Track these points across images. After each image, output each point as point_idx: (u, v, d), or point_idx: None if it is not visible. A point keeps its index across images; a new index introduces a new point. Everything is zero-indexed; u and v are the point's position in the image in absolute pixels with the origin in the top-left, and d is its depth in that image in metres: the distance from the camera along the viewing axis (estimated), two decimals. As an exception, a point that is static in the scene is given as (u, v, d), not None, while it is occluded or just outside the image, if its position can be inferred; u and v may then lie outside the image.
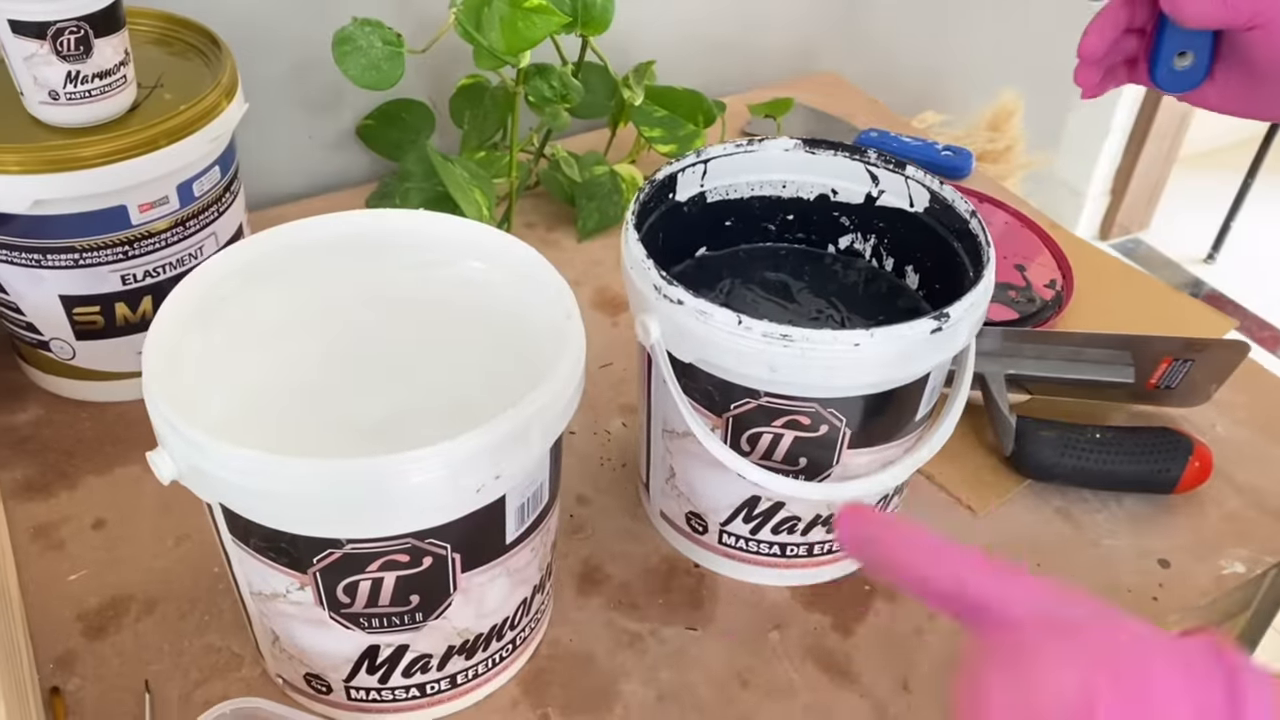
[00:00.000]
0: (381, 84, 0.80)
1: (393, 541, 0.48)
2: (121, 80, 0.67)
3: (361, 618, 0.51)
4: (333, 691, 0.56)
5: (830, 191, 0.66)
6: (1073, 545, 0.69)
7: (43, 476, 0.70)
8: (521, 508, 0.51)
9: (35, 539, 0.66)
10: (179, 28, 0.76)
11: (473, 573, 0.52)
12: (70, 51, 0.64)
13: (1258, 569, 0.68)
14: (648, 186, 0.62)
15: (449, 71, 0.96)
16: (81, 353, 0.72)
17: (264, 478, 0.45)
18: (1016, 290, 0.85)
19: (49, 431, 0.73)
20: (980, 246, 0.59)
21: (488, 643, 0.56)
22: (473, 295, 0.60)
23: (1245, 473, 0.74)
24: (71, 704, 0.58)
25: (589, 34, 0.87)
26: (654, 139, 0.93)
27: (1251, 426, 0.77)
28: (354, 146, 0.98)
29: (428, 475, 0.45)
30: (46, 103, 0.66)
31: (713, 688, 0.60)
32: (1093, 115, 1.99)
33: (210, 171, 0.70)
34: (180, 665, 0.60)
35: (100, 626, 0.62)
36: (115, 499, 0.69)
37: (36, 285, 0.69)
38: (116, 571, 0.64)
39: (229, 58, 0.72)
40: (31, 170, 0.63)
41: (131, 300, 0.71)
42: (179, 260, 0.71)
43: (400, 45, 0.81)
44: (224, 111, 0.69)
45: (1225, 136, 2.56)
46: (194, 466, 0.47)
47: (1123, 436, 0.71)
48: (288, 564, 0.49)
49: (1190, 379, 0.74)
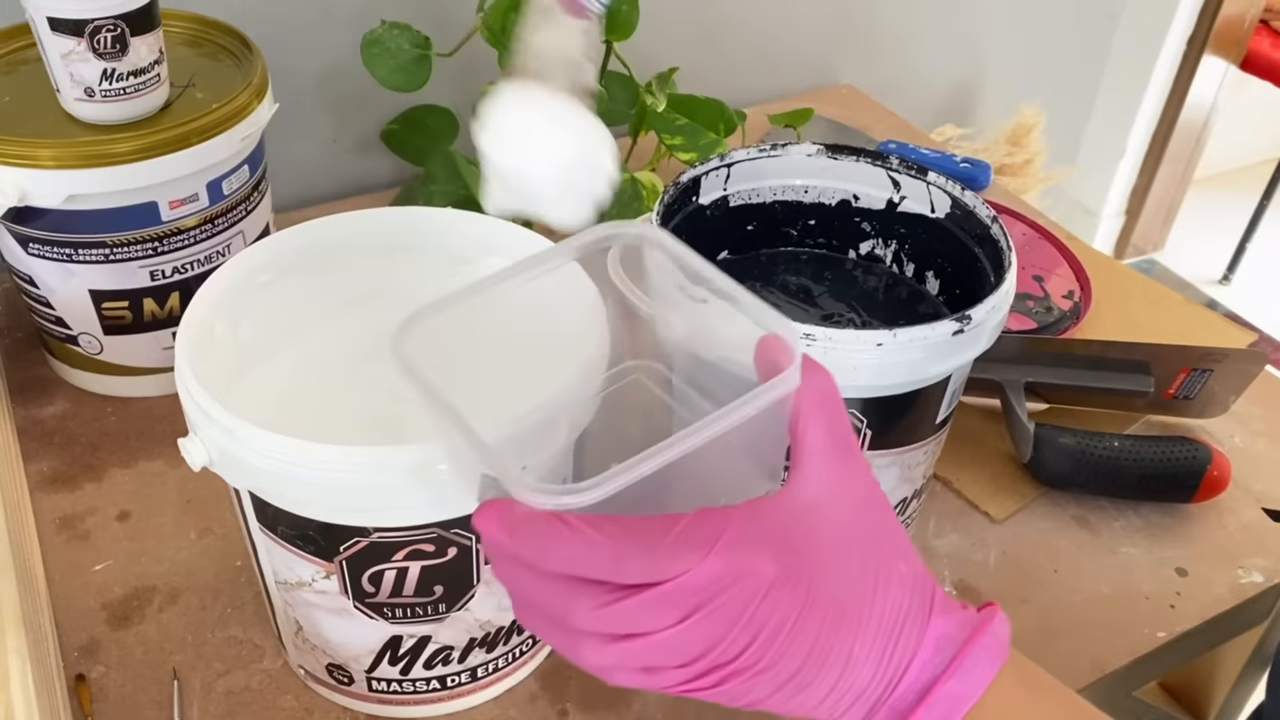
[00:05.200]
0: (409, 86, 0.81)
1: (419, 531, 0.49)
2: (155, 79, 0.68)
3: (385, 608, 0.52)
4: (354, 683, 0.56)
5: (852, 197, 0.67)
6: (1090, 552, 0.69)
7: (69, 469, 0.71)
8: (545, 501, 0.52)
9: (61, 530, 0.67)
10: (211, 30, 0.77)
11: (496, 565, 0.52)
12: (107, 49, 0.65)
13: (1276, 578, 0.68)
14: (672, 189, 0.62)
15: (473, 78, 0.96)
16: (109, 348, 0.73)
17: (294, 464, 0.46)
18: (1035, 300, 0.86)
19: (75, 425, 0.74)
20: (1001, 252, 0.60)
21: (509, 636, 0.56)
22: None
23: (1263, 483, 0.74)
24: (96, 691, 0.58)
25: (614, 39, 0.88)
26: (675, 147, 0.94)
27: (1270, 438, 0.78)
28: (378, 151, 0.99)
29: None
30: (82, 99, 0.67)
31: (730, 686, 0.60)
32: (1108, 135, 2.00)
33: (240, 170, 0.71)
34: (203, 655, 0.60)
35: (124, 616, 0.62)
36: (140, 492, 0.70)
37: (67, 280, 0.70)
38: (140, 563, 0.65)
39: (259, 59, 0.73)
40: (66, 165, 0.64)
41: (159, 296, 0.72)
42: (207, 257, 0.72)
43: (428, 48, 0.82)
44: (254, 111, 0.70)
45: (1241, 158, 2.56)
46: (225, 452, 0.47)
47: (1141, 445, 0.71)
48: (314, 552, 0.50)
49: (1209, 389, 0.74)
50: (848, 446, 0.39)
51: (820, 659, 0.37)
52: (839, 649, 0.37)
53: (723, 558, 0.35)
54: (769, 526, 0.36)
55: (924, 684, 0.38)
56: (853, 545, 0.38)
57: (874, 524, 0.39)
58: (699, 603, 0.35)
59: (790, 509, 0.37)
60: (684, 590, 0.35)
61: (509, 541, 0.36)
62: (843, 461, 0.39)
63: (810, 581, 0.36)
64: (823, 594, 0.36)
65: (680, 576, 0.34)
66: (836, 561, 0.37)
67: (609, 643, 0.36)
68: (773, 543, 0.36)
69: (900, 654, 0.38)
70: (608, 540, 0.35)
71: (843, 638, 0.37)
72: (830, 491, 0.38)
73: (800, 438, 0.39)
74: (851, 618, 0.37)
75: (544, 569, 0.36)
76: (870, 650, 0.38)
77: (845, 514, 0.38)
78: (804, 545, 0.37)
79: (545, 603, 0.36)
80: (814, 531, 0.37)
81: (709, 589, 0.35)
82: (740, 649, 0.35)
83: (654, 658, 0.36)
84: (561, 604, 0.36)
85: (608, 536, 0.35)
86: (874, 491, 0.40)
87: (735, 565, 0.35)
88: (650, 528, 0.35)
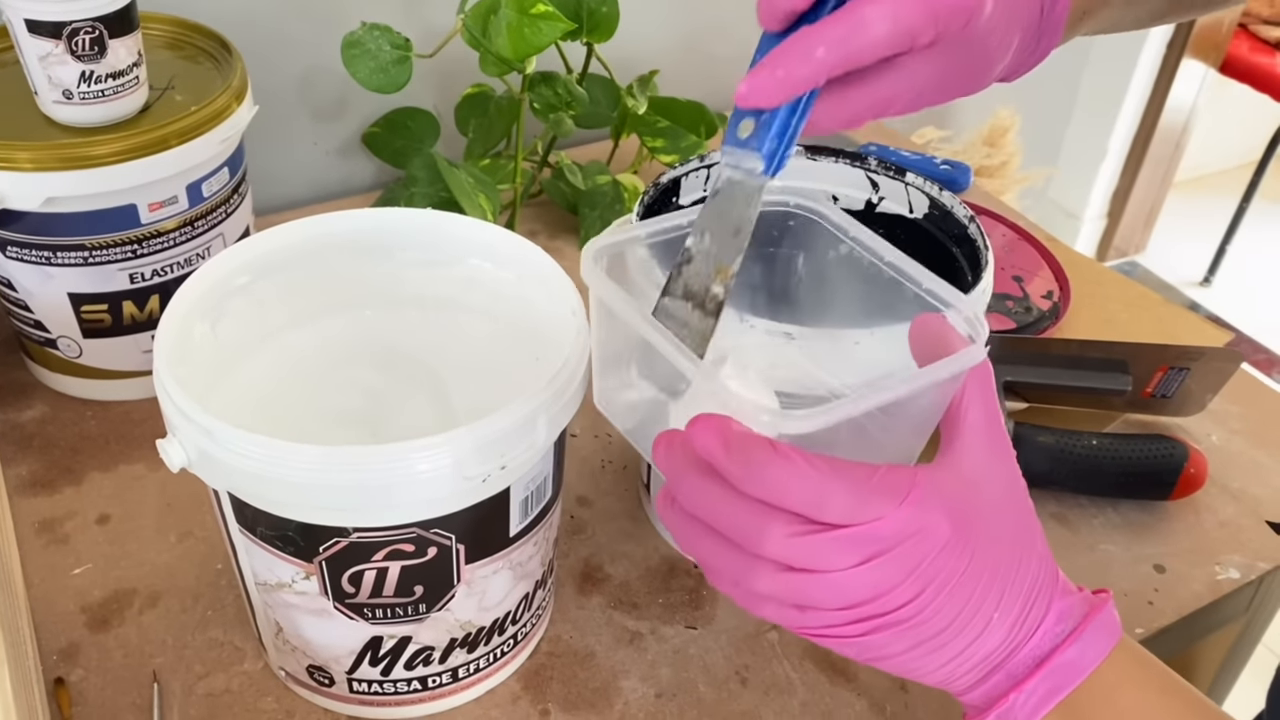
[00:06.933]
0: (389, 87, 0.81)
1: (398, 531, 0.49)
2: (134, 81, 0.68)
3: (365, 608, 0.52)
4: (335, 684, 0.56)
5: (831, 198, 0.67)
6: (1069, 550, 0.69)
7: (48, 472, 0.70)
8: (525, 500, 0.52)
9: (40, 533, 0.66)
10: (190, 32, 0.77)
11: (476, 565, 0.52)
12: (85, 51, 0.65)
13: (1252, 575, 0.68)
14: (652, 189, 0.63)
15: (454, 81, 0.97)
16: (88, 351, 0.73)
17: (273, 464, 0.46)
18: (1014, 300, 0.86)
19: (54, 429, 0.74)
20: (979, 251, 0.60)
21: (489, 637, 0.56)
22: (479, 293, 0.61)
23: (1240, 481, 0.74)
24: (75, 695, 0.58)
25: (594, 41, 0.88)
26: (656, 149, 0.94)
27: (1246, 436, 0.78)
28: (359, 154, 0.99)
29: (434, 464, 0.46)
30: (60, 102, 0.67)
31: (712, 685, 0.61)
32: (1089, 138, 2.01)
33: (219, 173, 0.71)
34: (183, 658, 0.60)
35: (104, 619, 0.62)
36: (119, 495, 0.69)
37: (45, 283, 0.69)
38: (120, 566, 0.65)
39: (239, 61, 0.73)
40: (44, 168, 0.64)
41: (139, 299, 0.71)
42: (187, 260, 0.72)
43: (408, 50, 0.82)
44: (234, 113, 0.70)
45: (1221, 161, 2.58)
46: (204, 453, 0.47)
47: (1119, 443, 0.71)
48: (294, 553, 0.50)
49: (1185, 388, 0.74)
50: (1001, 429, 0.42)
51: (965, 621, 0.39)
52: (983, 613, 0.40)
53: (911, 511, 0.37)
54: (944, 489, 0.39)
55: (1042, 653, 0.41)
56: (1005, 519, 0.41)
57: (1019, 503, 0.42)
58: (882, 549, 0.37)
59: (956, 478, 0.40)
60: (872, 535, 0.37)
61: (724, 456, 0.37)
62: (998, 442, 0.42)
63: (975, 547, 0.39)
64: (982, 560, 0.39)
65: (873, 522, 0.37)
66: (994, 532, 0.40)
67: (783, 572, 0.38)
68: (948, 505, 0.39)
69: (1029, 624, 0.41)
70: (818, 475, 0.37)
71: (988, 603, 0.40)
72: (988, 467, 0.41)
73: (964, 414, 0.41)
74: (999, 585, 0.40)
75: (746, 490, 0.37)
76: (1006, 618, 0.40)
77: (999, 490, 0.41)
78: (971, 512, 0.39)
79: (732, 524, 0.38)
80: (976, 502, 0.40)
81: (894, 538, 0.37)
82: (905, 600, 0.38)
83: (821, 595, 0.38)
84: (752, 526, 0.38)
85: (818, 471, 0.37)
86: (1017, 474, 0.43)
87: (919, 520, 0.38)
88: (853, 471, 0.37)
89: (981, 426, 0.41)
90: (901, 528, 0.37)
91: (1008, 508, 0.42)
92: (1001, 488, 0.42)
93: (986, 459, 0.41)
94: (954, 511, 0.39)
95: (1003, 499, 0.42)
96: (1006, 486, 0.42)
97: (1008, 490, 0.42)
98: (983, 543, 0.39)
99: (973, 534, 0.39)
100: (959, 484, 0.40)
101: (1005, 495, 0.42)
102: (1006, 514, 0.41)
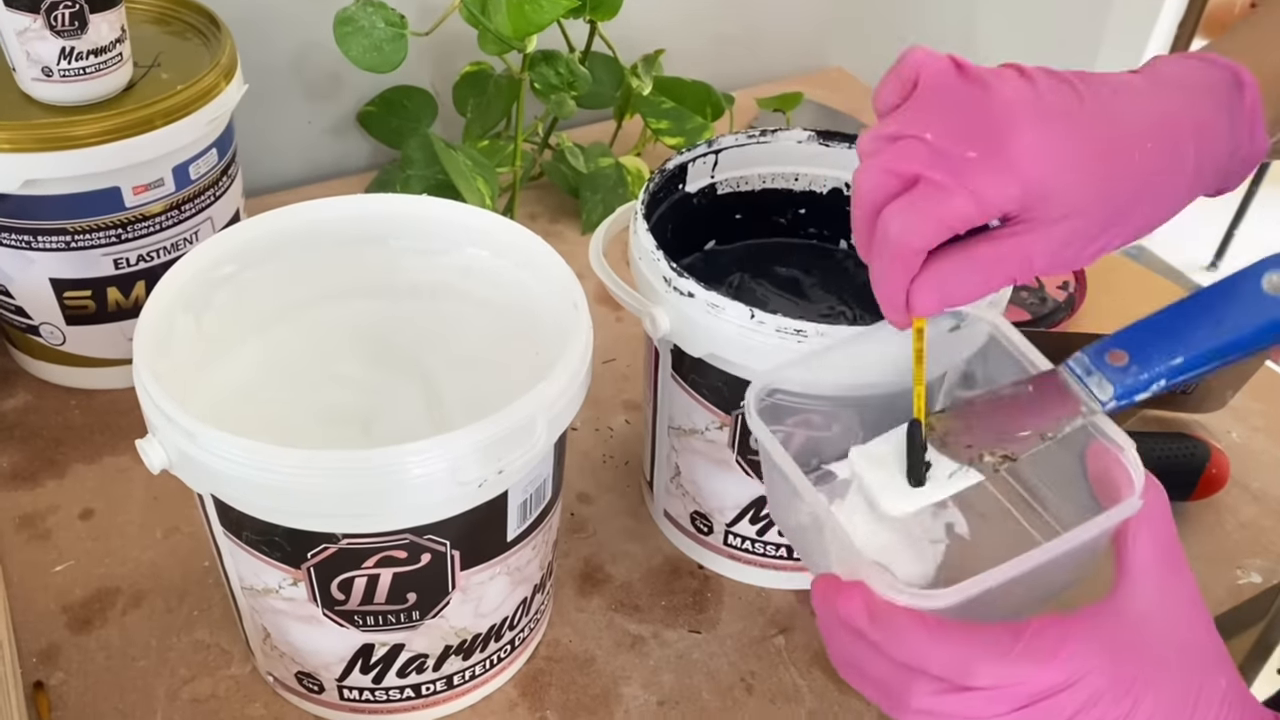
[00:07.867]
0: (383, 66, 0.79)
1: (390, 537, 0.46)
2: (117, 58, 0.65)
3: (356, 615, 0.50)
4: (325, 691, 0.54)
5: (844, 185, 0.65)
6: (1086, 552, 0.67)
7: (30, 465, 0.68)
8: (524, 504, 0.50)
9: (21, 528, 0.64)
10: (178, 7, 0.74)
11: (472, 571, 0.50)
12: (64, 27, 0.62)
13: (1275, 579, 0.66)
14: (658, 176, 0.60)
15: (452, 59, 0.94)
16: (72, 338, 0.71)
17: (258, 468, 0.43)
18: (1029, 292, 0.84)
19: (37, 418, 0.71)
20: (999, 243, 0.57)
21: (486, 643, 0.54)
22: (476, 284, 0.58)
23: (1262, 480, 0.72)
24: (55, 699, 0.56)
25: (598, 19, 0.85)
26: (661, 131, 0.92)
27: (1268, 434, 0.76)
28: (354, 133, 0.97)
29: (428, 469, 0.44)
30: (39, 79, 0.64)
31: (716, 693, 0.59)
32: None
33: (207, 154, 0.69)
34: (168, 661, 0.58)
35: (86, 619, 0.60)
36: (104, 489, 0.67)
37: (26, 268, 0.67)
38: (104, 563, 0.63)
39: (228, 38, 0.70)
40: (23, 149, 0.61)
41: (124, 285, 0.69)
42: (173, 245, 0.69)
43: (403, 27, 0.79)
44: (222, 92, 0.67)
45: (1230, 144, 2.55)
46: (185, 455, 0.45)
47: (1138, 441, 0.69)
48: (281, 558, 0.48)
49: (1206, 384, 0.72)
50: (1176, 559, 0.41)
51: None
52: None
53: (1063, 669, 0.37)
54: (1103, 637, 0.38)
55: None
56: (1176, 659, 0.40)
57: (1198, 638, 0.41)
58: (1031, 701, 0.38)
59: (1121, 620, 0.39)
60: (1020, 693, 0.38)
61: (869, 627, 0.39)
62: (1171, 574, 0.41)
63: (1136, 696, 0.38)
64: (1144, 707, 0.38)
65: (1021, 684, 0.37)
66: (1160, 677, 0.39)
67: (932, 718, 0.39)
68: (1106, 654, 0.38)
69: None
70: (960, 645, 0.38)
71: None
72: (1159, 605, 0.40)
73: (1130, 550, 0.41)
74: None
75: (891, 655, 0.39)
76: None
77: (1171, 628, 0.40)
78: (1133, 658, 0.39)
79: (880, 677, 0.40)
80: (1142, 645, 0.39)
81: (1043, 693, 0.37)
82: None
83: None
84: (899, 682, 0.39)
85: (959, 642, 0.38)
86: (1198, 604, 0.41)
87: (1071, 673, 0.37)
88: (998, 637, 0.38)
89: (1151, 565, 0.40)
90: (1051, 683, 0.37)
91: (1182, 645, 0.40)
92: (1175, 624, 0.40)
93: (1158, 595, 0.40)
94: (1112, 660, 0.38)
95: (1176, 636, 0.40)
96: (1182, 621, 0.41)
97: (1183, 625, 0.41)
98: (1146, 689, 0.38)
99: (1135, 683, 0.38)
100: (1122, 627, 0.39)
101: (1180, 631, 0.40)
102: (1179, 652, 0.40)
